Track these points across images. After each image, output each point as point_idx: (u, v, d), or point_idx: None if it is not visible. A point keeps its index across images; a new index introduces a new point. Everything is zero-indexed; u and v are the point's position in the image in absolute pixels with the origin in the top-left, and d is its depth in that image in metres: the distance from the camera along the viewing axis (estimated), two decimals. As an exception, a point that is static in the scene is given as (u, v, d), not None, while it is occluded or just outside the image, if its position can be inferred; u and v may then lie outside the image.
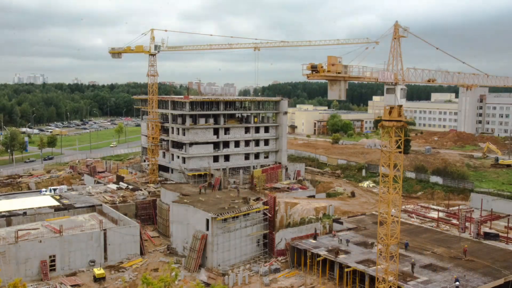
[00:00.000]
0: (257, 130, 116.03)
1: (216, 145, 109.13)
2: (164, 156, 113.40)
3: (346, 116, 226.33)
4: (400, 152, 47.04)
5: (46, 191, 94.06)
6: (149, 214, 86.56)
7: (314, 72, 42.93)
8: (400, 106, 45.95)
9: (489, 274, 56.20)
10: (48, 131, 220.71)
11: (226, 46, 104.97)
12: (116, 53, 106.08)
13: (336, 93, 43.51)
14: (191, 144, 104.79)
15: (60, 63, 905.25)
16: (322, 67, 42.37)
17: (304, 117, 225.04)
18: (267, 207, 72.12)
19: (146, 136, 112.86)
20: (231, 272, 64.78)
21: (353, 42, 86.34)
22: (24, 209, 77.63)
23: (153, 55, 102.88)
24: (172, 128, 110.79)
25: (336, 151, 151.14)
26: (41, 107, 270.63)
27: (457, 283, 52.15)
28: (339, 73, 42.78)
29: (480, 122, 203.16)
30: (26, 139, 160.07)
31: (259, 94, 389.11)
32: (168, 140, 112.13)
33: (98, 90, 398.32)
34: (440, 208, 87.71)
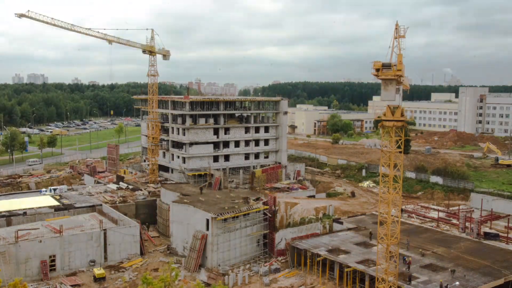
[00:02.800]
0: (257, 130, 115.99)
1: (216, 145, 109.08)
2: (164, 156, 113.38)
3: (346, 116, 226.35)
4: (400, 152, 47.03)
5: (46, 191, 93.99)
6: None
7: (383, 71, 42.05)
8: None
9: (489, 274, 56.21)
10: (48, 131, 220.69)
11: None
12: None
13: (392, 93, 42.68)
14: (191, 144, 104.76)
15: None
16: (394, 65, 41.58)
17: (304, 117, 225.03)
18: (267, 207, 72.13)
19: (146, 136, 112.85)
20: (231, 272, 64.78)
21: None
22: (24, 209, 77.60)
23: (154, 55, 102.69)
24: (172, 128, 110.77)
25: (336, 151, 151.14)
26: (41, 107, 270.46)
27: (457, 283, 52.19)
28: (399, 70, 42.36)
29: (480, 122, 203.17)
30: (26, 139, 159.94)
31: (259, 94, 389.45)
32: (168, 140, 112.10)
33: (98, 90, 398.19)
34: (440, 208, 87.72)
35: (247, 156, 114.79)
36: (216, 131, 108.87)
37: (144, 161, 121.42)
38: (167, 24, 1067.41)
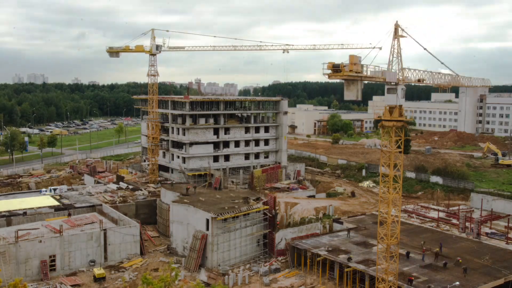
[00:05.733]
0: (257, 130, 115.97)
1: (216, 145, 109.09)
2: (164, 156, 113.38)
3: (346, 116, 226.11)
4: (400, 152, 47.04)
5: (46, 191, 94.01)
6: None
7: (335, 72, 42.45)
8: (400, 106, 46.00)
9: (489, 274, 56.23)
10: (48, 131, 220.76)
11: (230, 47, 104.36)
12: (114, 52, 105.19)
13: (354, 93, 43.20)
14: (191, 144, 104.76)
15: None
16: (344, 66, 42.01)
17: (304, 117, 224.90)
18: (267, 207, 72.11)
19: (146, 136, 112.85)
20: (231, 272, 64.78)
21: (356, 47, 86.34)
22: (24, 209, 77.62)
23: (154, 55, 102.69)
24: (172, 128, 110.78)
25: (336, 151, 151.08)
26: (41, 107, 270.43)
27: (457, 283, 52.13)
28: (358, 72, 42.53)
29: (480, 122, 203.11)
30: (26, 139, 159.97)
31: (259, 94, 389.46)
32: (168, 140, 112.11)
33: (98, 90, 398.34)
34: (440, 208, 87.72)
35: (247, 156, 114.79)
36: (216, 131, 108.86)
37: (144, 161, 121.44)
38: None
